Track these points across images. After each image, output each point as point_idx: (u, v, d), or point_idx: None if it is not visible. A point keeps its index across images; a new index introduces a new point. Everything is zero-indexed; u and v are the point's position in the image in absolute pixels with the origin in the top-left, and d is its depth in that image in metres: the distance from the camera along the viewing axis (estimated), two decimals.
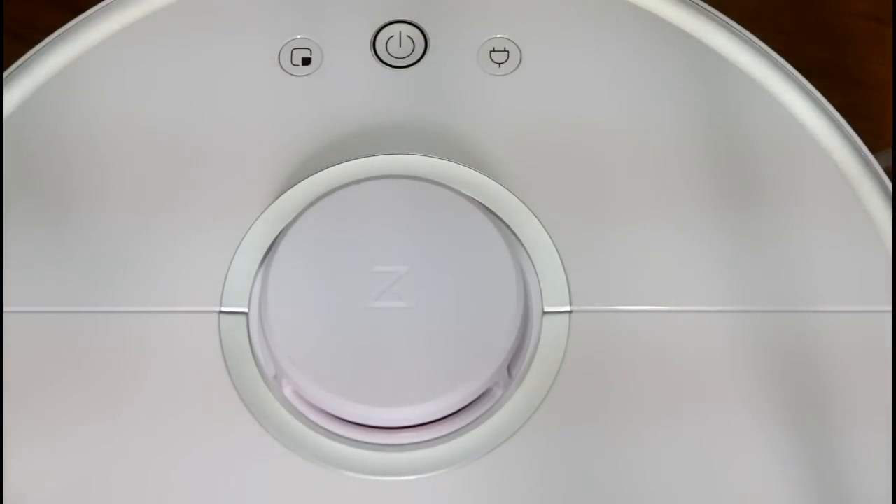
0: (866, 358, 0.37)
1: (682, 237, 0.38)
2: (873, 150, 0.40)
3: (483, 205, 0.38)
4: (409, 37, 0.42)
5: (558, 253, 0.38)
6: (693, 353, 0.37)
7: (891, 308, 0.37)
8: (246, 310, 0.37)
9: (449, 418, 0.36)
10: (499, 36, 0.41)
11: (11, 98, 0.40)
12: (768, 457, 0.36)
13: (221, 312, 0.37)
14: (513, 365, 0.36)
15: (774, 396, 0.36)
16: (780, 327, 0.37)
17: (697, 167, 0.39)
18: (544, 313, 0.37)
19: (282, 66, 0.41)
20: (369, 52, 0.41)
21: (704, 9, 0.42)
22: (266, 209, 0.39)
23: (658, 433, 0.36)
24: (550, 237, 0.38)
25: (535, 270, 0.38)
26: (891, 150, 0.44)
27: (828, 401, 0.36)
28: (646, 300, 0.37)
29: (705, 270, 0.38)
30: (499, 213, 0.39)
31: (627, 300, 0.37)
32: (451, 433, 0.36)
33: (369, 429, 0.36)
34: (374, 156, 0.40)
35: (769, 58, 0.41)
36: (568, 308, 0.37)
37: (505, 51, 0.41)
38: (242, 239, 0.38)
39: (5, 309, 0.37)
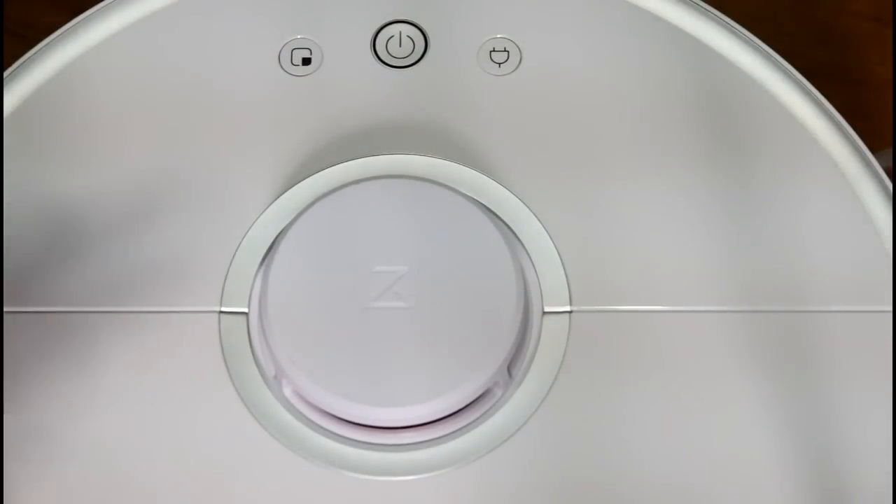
0: (866, 358, 0.37)
1: (683, 237, 0.38)
2: (873, 150, 0.40)
3: (483, 205, 0.38)
4: (409, 37, 0.42)
5: (558, 253, 0.38)
6: (693, 353, 0.37)
7: (891, 308, 0.37)
8: (246, 310, 0.37)
9: (449, 418, 0.36)
10: (499, 36, 0.41)
11: (11, 98, 0.40)
12: (769, 456, 0.36)
13: (221, 312, 0.37)
14: (513, 365, 0.36)
15: (775, 396, 0.36)
16: (780, 327, 0.37)
17: (698, 168, 0.39)
18: (544, 313, 0.37)
19: (282, 66, 0.41)
20: (369, 52, 0.41)
21: (705, 9, 0.42)
22: (266, 209, 0.39)
23: (658, 433, 0.36)
24: (550, 237, 0.38)
25: (535, 270, 0.38)
26: (891, 150, 0.44)
27: (828, 400, 0.36)
28: (646, 300, 0.37)
29: (705, 270, 0.38)
30: (499, 213, 0.39)
31: (627, 300, 0.37)
32: (451, 433, 0.36)
33: (369, 429, 0.36)
34: (374, 156, 0.40)
35: (769, 58, 0.41)
36: (568, 308, 0.37)
37: (505, 51, 0.41)
38: (242, 239, 0.38)
39: (5, 309, 0.37)
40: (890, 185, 0.39)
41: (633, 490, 0.35)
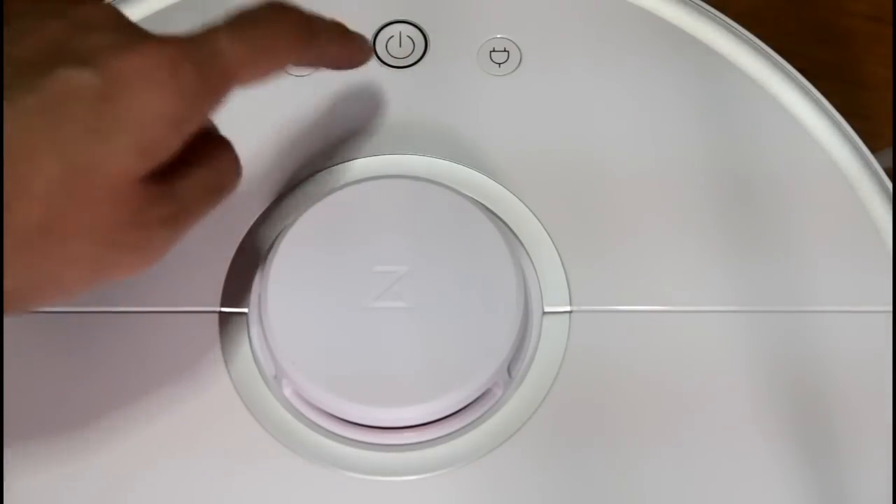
0: (866, 358, 0.37)
1: (682, 237, 0.38)
2: (873, 150, 0.40)
3: (483, 205, 0.38)
4: (409, 37, 0.42)
5: (558, 253, 0.38)
6: (692, 353, 0.37)
7: (891, 308, 0.37)
8: (246, 310, 0.37)
9: (449, 418, 0.36)
10: (499, 36, 0.41)
11: None
12: (768, 455, 0.36)
13: (221, 312, 0.37)
14: (513, 365, 0.36)
15: (774, 396, 0.36)
16: (780, 327, 0.37)
17: (696, 166, 0.39)
18: (544, 313, 0.37)
19: None
20: None
21: (704, 9, 0.42)
22: (266, 209, 0.39)
23: (657, 433, 0.36)
24: (550, 237, 0.38)
25: (535, 270, 0.38)
26: (891, 150, 0.44)
27: (827, 400, 0.36)
28: (645, 300, 0.37)
29: (705, 270, 0.38)
30: (499, 213, 0.39)
31: (627, 300, 0.37)
32: (451, 433, 0.36)
33: (369, 429, 0.36)
34: (374, 156, 0.40)
35: (769, 58, 0.41)
36: (568, 308, 0.37)
37: (505, 51, 0.41)
38: (242, 239, 0.38)
39: None
40: (890, 185, 0.39)
41: (633, 489, 0.35)
